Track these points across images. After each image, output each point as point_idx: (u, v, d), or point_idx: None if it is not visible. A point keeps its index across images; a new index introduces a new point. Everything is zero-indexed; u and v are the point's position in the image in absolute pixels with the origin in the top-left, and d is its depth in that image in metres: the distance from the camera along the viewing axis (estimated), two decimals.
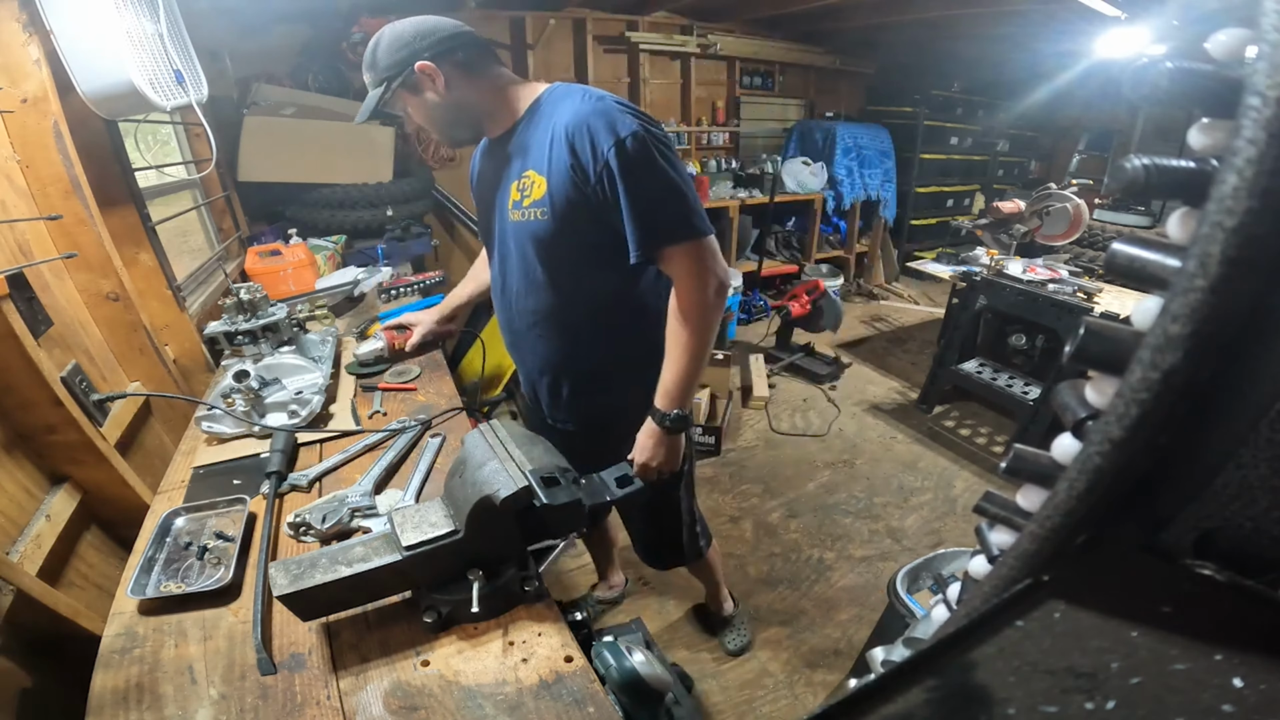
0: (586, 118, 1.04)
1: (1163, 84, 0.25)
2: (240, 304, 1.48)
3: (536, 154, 1.12)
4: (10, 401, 1.07)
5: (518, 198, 1.16)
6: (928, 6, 3.52)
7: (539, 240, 1.16)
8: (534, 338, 1.28)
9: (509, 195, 1.18)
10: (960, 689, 0.27)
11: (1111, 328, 0.29)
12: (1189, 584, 0.30)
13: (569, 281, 1.20)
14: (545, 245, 1.16)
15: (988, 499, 0.38)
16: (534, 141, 1.12)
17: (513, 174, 1.16)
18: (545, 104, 1.13)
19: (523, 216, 1.16)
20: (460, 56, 1.11)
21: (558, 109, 1.09)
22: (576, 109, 1.06)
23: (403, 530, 0.81)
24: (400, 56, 1.08)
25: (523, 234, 1.18)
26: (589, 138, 1.03)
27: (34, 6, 1.26)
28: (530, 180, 1.13)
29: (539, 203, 1.12)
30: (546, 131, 1.09)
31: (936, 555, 1.60)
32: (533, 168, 1.12)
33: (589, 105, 1.06)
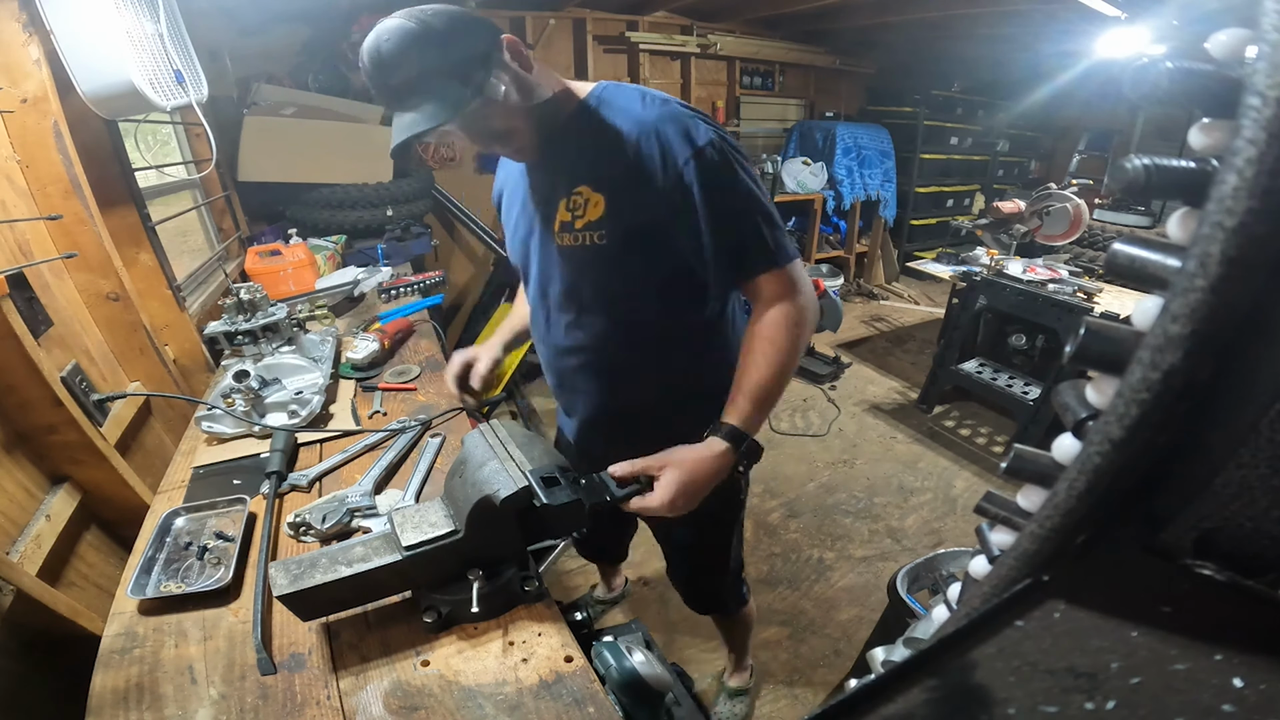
0: (656, 124, 0.91)
1: (1163, 84, 0.25)
2: (240, 304, 1.48)
3: (590, 166, 0.96)
4: (10, 401, 1.07)
5: (567, 219, 0.99)
6: (928, 6, 3.52)
7: (595, 268, 1.01)
8: (586, 378, 1.15)
9: (555, 216, 1.01)
10: (960, 689, 0.27)
11: (1111, 328, 0.29)
12: (1189, 584, 0.30)
13: (629, 315, 1.06)
14: (603, 274, 1.02)
15: (988, 499, 0.38)
16: (586, 152, 0.97)
17: (559, 190, 1.00)
18: (597, 107, 0.97)
19: (575, 241, 0.99)
20: None
21: (614, 113, 0.95)
22: (642, 114, 0.93)
23: (403, 530, 0.81)
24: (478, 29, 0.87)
25: (575, 261, 1.03)
26: (660, 147, 0.90)
27: (34, 6, 1.26)
28: (584, 198, 0.97)
29: (595, 224, 0.97)
30: (601, 139, 0.94)
31: (936, 555, 1.60)
32: (586, 183, 0.96)
33: (656, 109, 0.93)
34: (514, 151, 1.00)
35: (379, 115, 2.99)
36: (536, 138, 0.97)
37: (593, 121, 0.96)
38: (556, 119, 0.98)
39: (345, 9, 2.95)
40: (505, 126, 0.94)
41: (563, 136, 0.98)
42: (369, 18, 2.97)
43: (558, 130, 0.98)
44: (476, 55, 0.86)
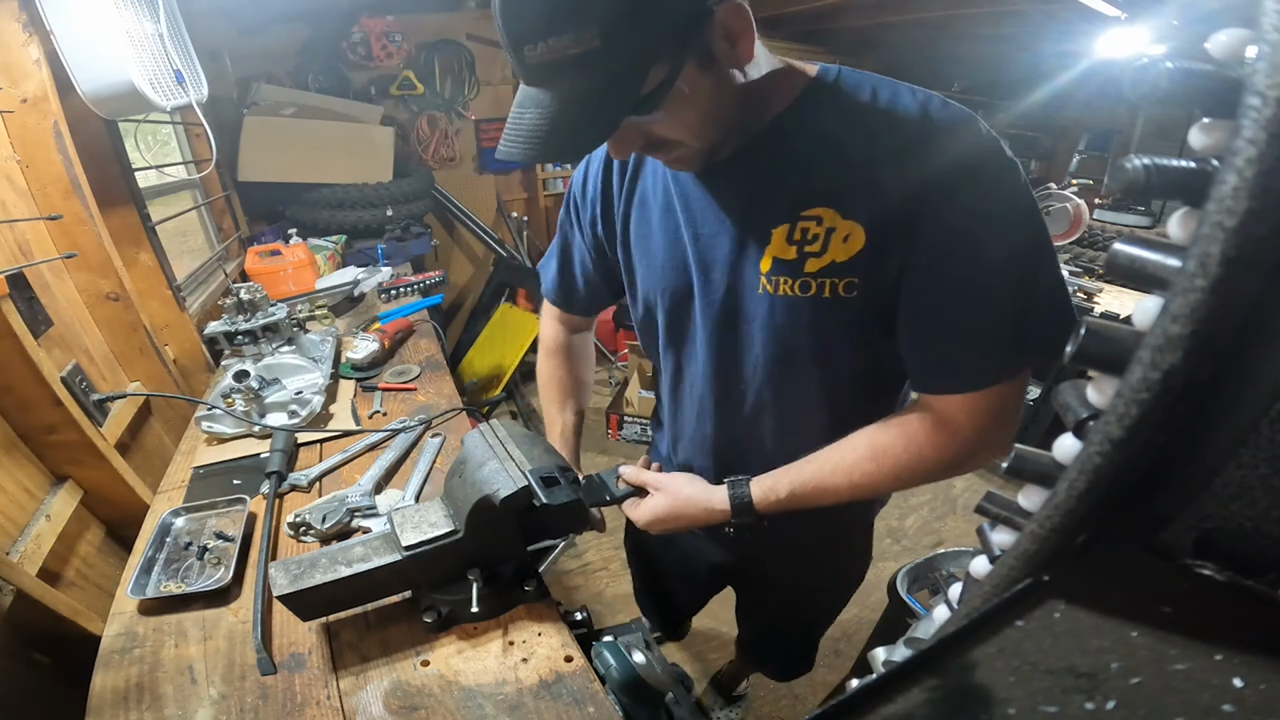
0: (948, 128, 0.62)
1: (1163, 84, 0.25)
2: (240, 304, 1.48)
3: (838, 178, 0.65)
4: (10, 401, 1.07)
5: (791, 256, 0.68)
6: (928, 6, 3.52)
7: (816, 333, 0.71)
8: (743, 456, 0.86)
9: (764, 249, 0.70)
10: (960, 689, 0.27)
11: (1112, 328, 0.29)
12: (1189, 584, 0.30)
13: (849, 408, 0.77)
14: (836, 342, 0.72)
15: (989, 499, 0.38)
16: (831, 158, 0.65)
17: (777, 212, 0.69)
18: (840, 91, 0.66)
19: (799, 290, 0.69)
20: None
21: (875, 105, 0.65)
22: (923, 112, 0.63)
23: (403, 530, 0.81)
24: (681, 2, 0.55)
25: (781, 322, 0.72)
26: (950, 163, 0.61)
27: (34, 6, 1.26)
28: (825, 226, 0.66)
29: (844, 269, 0.66)
30: (854, 141, 0.64)
31: (936, 555, 1.60)
32: (830, 204, 0.66)
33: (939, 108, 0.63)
34: (675, 162, 0.70)
35: (379, 115, 2.99)
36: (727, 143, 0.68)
37: (837, 115, 0.65)
38: (764, 111, 0.68)
39: (345, 9, 2.96)
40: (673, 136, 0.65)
41: (780, 134, 0.67)
42: (369, 18, 2.97)
43: (769, 123, 0.68)
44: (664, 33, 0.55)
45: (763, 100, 0.67)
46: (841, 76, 0.67)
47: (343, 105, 2.89)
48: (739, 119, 0.67)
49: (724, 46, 0.60)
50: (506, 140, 0.61)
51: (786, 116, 0.67)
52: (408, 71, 3.19)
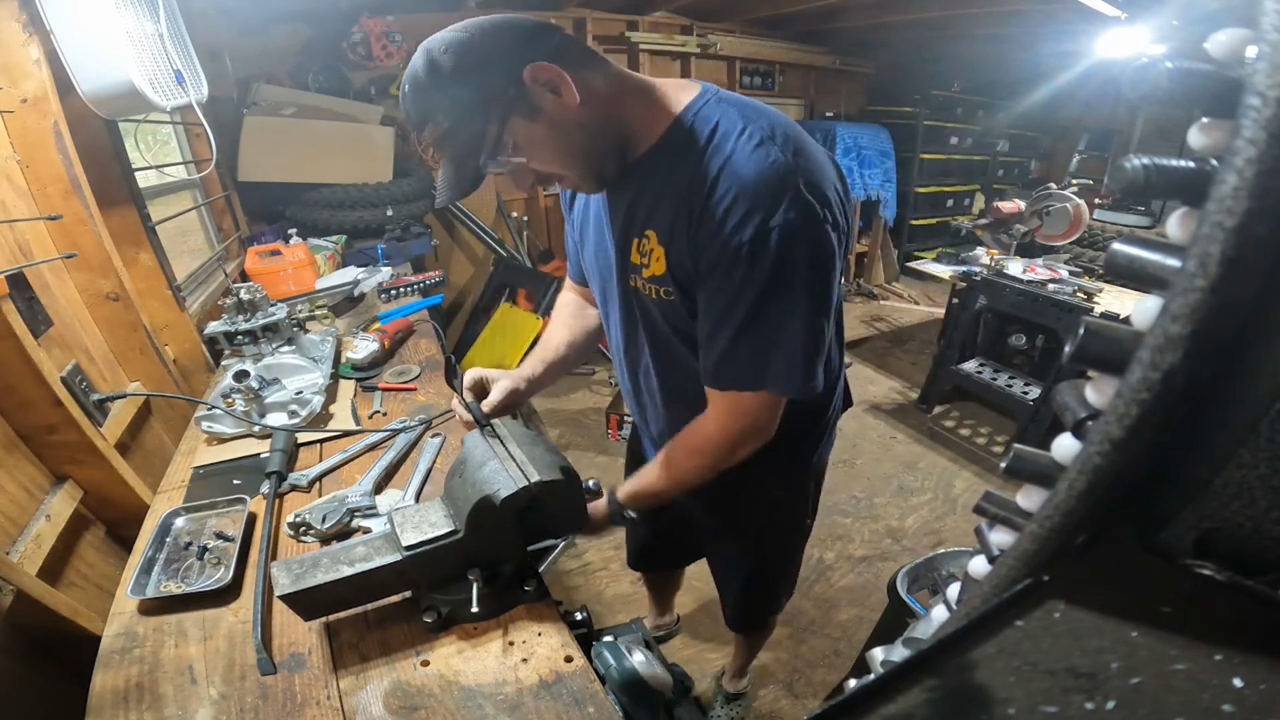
0: (737, 173, 0.73)
1: (1163, 84, 0.25)
2: (240, 304, 1.48)
3: (660, 211, 0.80)
4: (10, 401, 1.07)
5: (637, 261, 0.87)
6: (928, 6, 3.52)
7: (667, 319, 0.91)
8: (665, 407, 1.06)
9: (629, 254, 0.88)
10: (960, 689, 0.27)
11: (1111, 328, 0.29)
12: (1189, 584, 0.30)
13: None
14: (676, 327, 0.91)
15: (988, 499, 0.38)
16: (662, 190, 0.80)
17: (634, 226, 0.85)
18: (690, 130, 0.78)
19: (644, 289, 0.88)
20: (574, 53, 0.76)
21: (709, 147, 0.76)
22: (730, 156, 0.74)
23: (403, 530, 0.81)
24: (492, 66, 0.72)
25: (643, 308, 0.93)
26: (727, 208, 0.73)
27: (34, 6, 1.25)
28: (649, 245, 0.84)
29: (660, 279, 0.84)
30: (683, 179, 0.77)
31: (936, 555, 1.60)
32: (654, 228, 0.82)
33: (747, 154, 0.73)
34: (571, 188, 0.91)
35: (379, 115, 2.99)
36: (606, 168, 0.82)
37: (679, 151, 0.79)
38: (637, 140, 0.82)
39: (345, 9, 2.96)
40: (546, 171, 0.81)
41: (644, 165, 0.82)
42: (369, 18, 2.97)
43: (641, 155, 0.82)
44: (483, 104, 0.73)
45: (631, 132, 0.81)
46: (699, 114, 0.79)
47: (343, 105, 2.89)
48: (605, 148, 0.81)
49: (548, 97, 0.74)
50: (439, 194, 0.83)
51: (654, 150, 0.82)
52: None
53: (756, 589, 1.37)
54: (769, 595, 1.41)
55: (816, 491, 1.27)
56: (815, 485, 1.26)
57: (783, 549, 1.33)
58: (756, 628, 1.56)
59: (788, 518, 1.26)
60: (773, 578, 1.37)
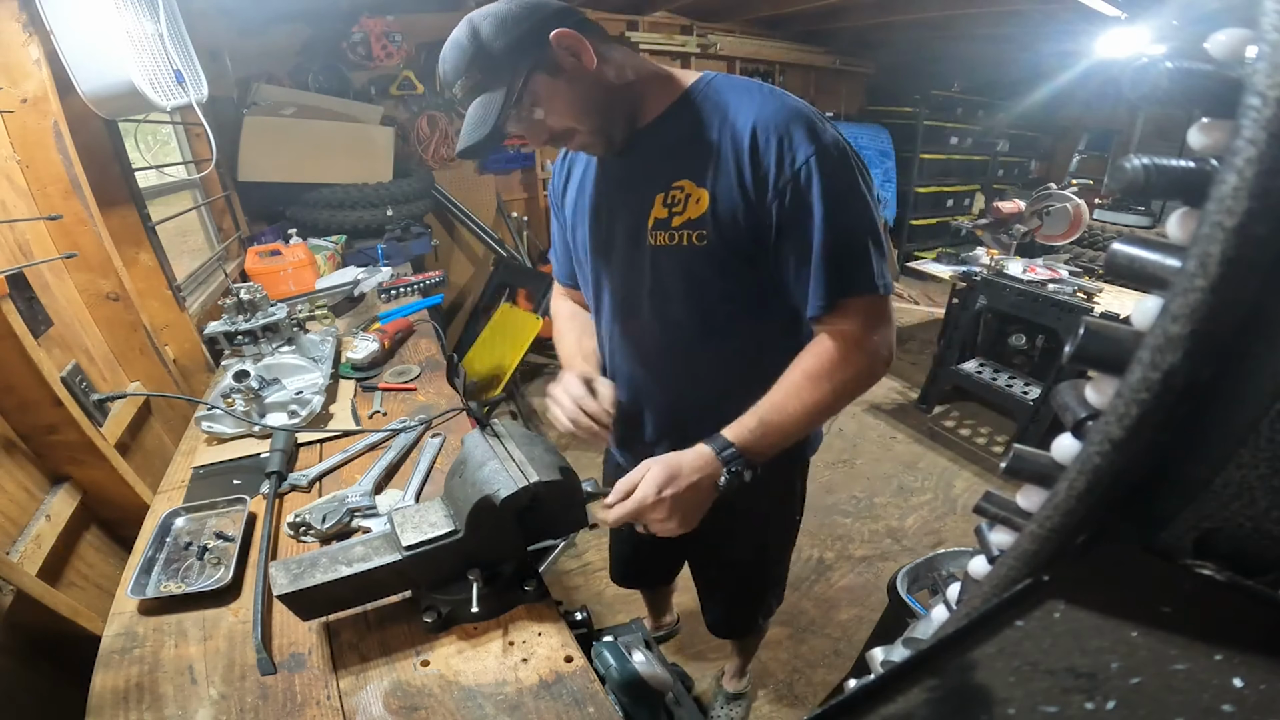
0: (775, 117, 0.83)
1: (1163, 84, 0.25)
2: (240, 304, 1.48)
3: (695, 159, 0.88)
4: (10, 401, 1.07)
5: (663, 215, 0.91)
6: (928, 6, 3.52)
7: (690, 272, 0.93)
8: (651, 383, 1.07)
9: (649, 211, 0.92)
10: (960, 689, 0.27)
11: (1111, 328, 0.29)
12: (1189, 584, 0.30)
13: (724, 327, 0.97)
14: (696, 280, 0.94)
15: (988, 499, 0.38)
16: (691, 142, 0.88)
17: (656, 184, 0.91)
18: (704, 96, 0.90)
19: (670, 240, 0.91)
20: (594, 30, 0.87)
21: (729, 103, 0.87)
22: (762, 106, 0.85)
23: (403, 530, 0.81)
24: (523, 31, 0.82)
25: (667, 262, 0.94)
26: (779, 143, 0.82)
27: (34, 6, 1.26)
28: (685, 193, 0.89)
29: (696, 223, 0.89)
30: (712, 130, 0.87)
31: (936, 555, 1.60)
32: (689, 177, 0.89)
33: (776, 102, 0.85)
34: (580, 147, 0.94)
35: (379, 115, 2.99)
36: (615, 131, 0.91)
37: (699, 111, 0.88)
38: (646, 109, 0.92)
39: (345, 9, 2.96)
40: (560, 126, 0.88)
41: (660, 127, 0.91)
42: (369, 18, 2.97)
43: (653, 121, 0.91)
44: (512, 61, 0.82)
45: (640, 102, 0.92)
46: (711, 84, 0.91)
47: (343, 105, 2.89)
48: (616, 111, 0.90)
49: (569, 59, 0.84)
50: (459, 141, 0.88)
51: (663, 117, 0.91)
52: (408, 71, 3.19)
53: (752, 590, 1.36)
54: (760, 598, 1.39)
55: (803, 488, 1.28)
56: (801, 481, 1.27)
57: (778, 547, 1.32)
58: (743, 633, 1.54)
59: (784, 514, 1.26)
60: (767, 580, 1.36)
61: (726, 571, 1.34)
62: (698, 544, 1.30)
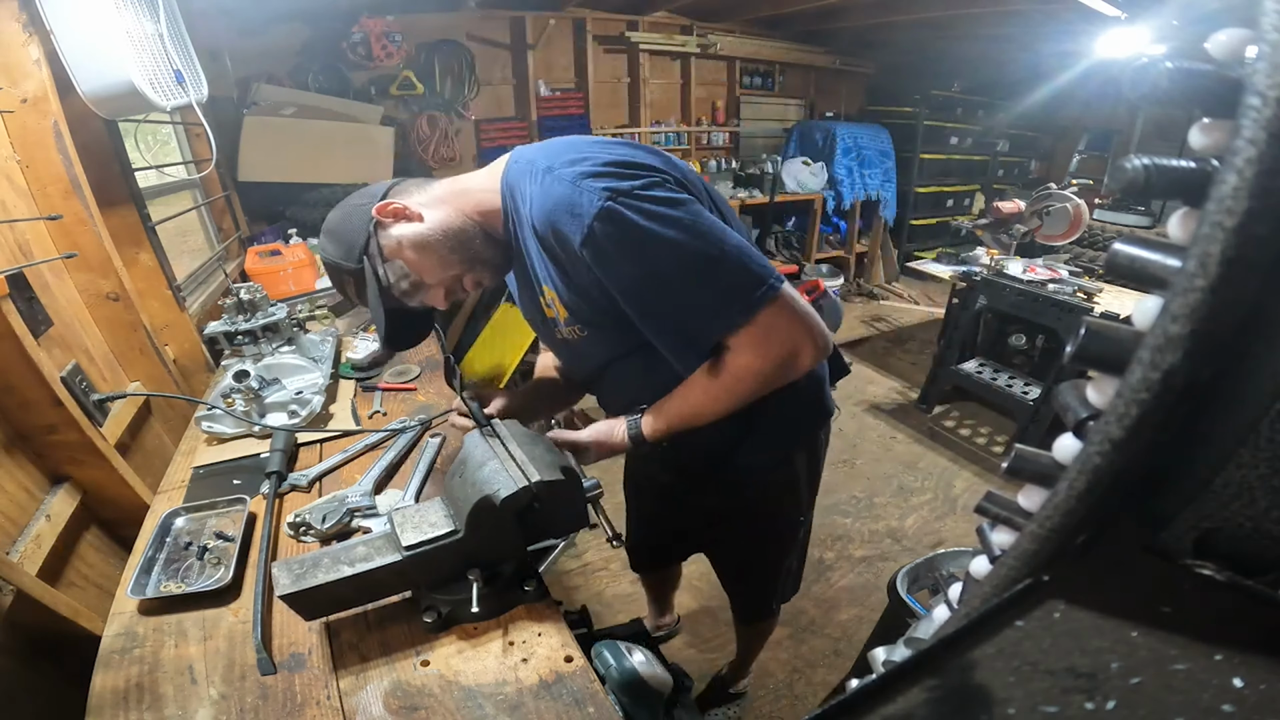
0: (543, 214, 0.81)
1: (1163, 84, 0.25)
2: (240, 304, 1.48)
3: (535, 266, 0.91)
4: (10, 401, 1.07)
5: (551, 315, 0.97)
6: (928, 6, 3.52)
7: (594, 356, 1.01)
8: None
9: (544, 314, 0.99)
10: (960, 689, 0.27)
11: (1111, 328, 0.29)
12: (1189, 584, 0.30)
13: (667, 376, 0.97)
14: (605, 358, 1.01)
15: (988, 499, 0.38)
16: (526, 252, 0.92)
17: (535, 287, 0.96)
18: (512, 192, 0.89)
19: (567, 333, 0.97)
20: (407, 185, 0.93)
21: (520, 206, 0.87)
22: (534, 203, 0.83)
23: (403, 530, 0.81)
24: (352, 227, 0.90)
25: (576, 351, 1.03)
26: (556, 239, 0.81)
27: (34, 6, 1.25)
28: (547, 297, 0.94)
29: (568, 320, 0.94)
30: (526, 237, 0.89)
31: (936, 555, 1.60)
32: (543, 282, 0.92)
33: (540, 189, 0.82)
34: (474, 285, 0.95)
35: (379, 115, 3.00)
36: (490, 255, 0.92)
37: (516, 220, 0.90)
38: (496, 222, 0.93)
39: (345, 9, 2.96)
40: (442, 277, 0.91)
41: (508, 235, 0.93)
42: (369, 18, 2.97)
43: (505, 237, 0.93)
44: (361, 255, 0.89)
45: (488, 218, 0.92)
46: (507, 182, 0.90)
47: (343, 105, 2.89)
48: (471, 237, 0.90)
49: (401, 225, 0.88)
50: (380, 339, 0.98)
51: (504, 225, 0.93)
52: (408, 71, 3.20)
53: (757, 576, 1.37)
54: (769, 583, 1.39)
55: (813, 478, 1.25)
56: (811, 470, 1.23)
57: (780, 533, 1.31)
58: (760, 617, 1.54)
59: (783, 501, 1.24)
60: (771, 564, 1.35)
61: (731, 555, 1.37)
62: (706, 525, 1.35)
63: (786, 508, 1.26)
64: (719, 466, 1.13)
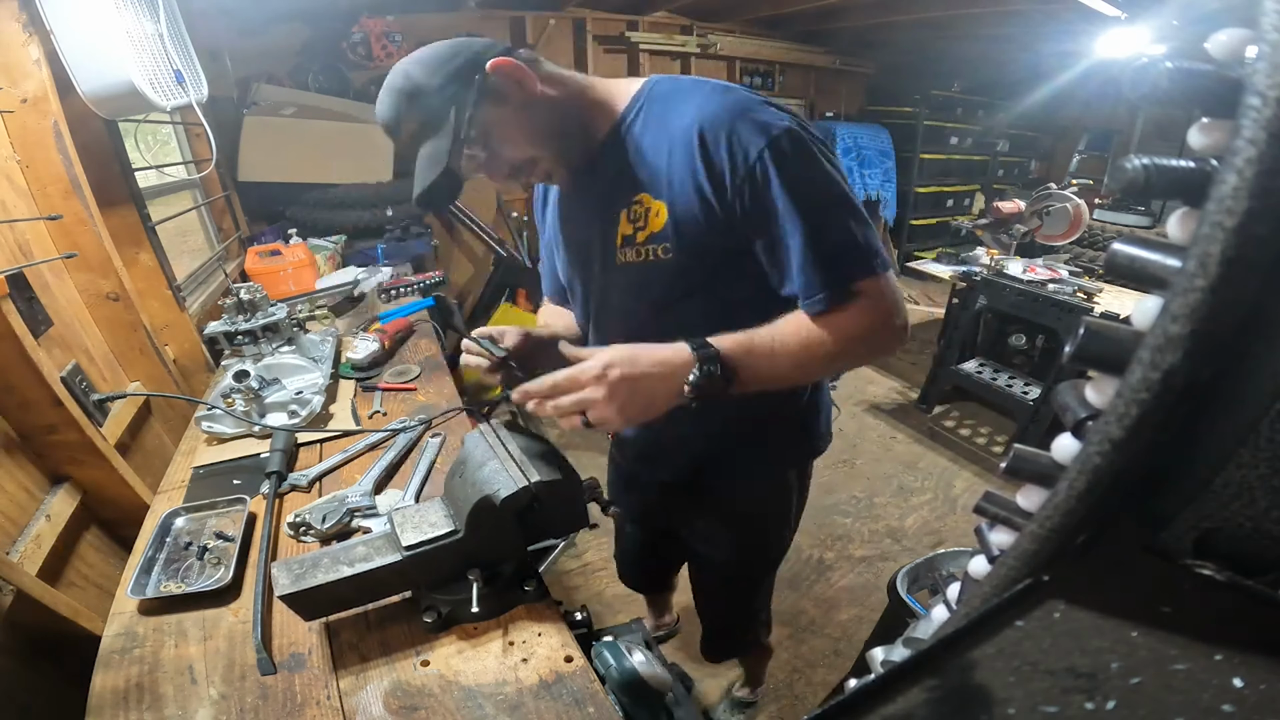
0: (721, 114, 0.78)
1: (1163, 84, 0.25)
2: (240, 304, 1.48)
3: (649, 170, 0.85)
4: (10, 401, 1.07)
5: (629, 231, 0.88)
6: (928, 6, 3.52)
7: (658, 288, 0.90)
8: None
9: (615, 231, 0.90)
10: (960, 689, 0.27)
11: (1111, 328, 0.29)
12: (1189, 584, 0.30)
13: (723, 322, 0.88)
14: (665, 295, 0.90)
15: (988, 499, 0.38)
16: (643, 154, 0.86)
17: (618, 201, 0.88)
18: (651, 104, 0.87)
19: (636, 257, 0.89)
20: (528, 56, 0.84)
21: (672, 108, 0.83)
22: (703, 105, 0.80)
23: (403, 530, 0.81)
24: (456, 67, 0.80)
25: (635, 282, 0.92)
26: (728, 140, 0.78)
27: (34, 6, 1.25)
28: (644, 206, 0.86)
29: (659, 236, 0.86)
30: (661, 139, 0.84)
31: (936, 555, 1.60)
32: (646, 190, 0.86)
33: (719, 99, 0.80)
34: (543, 176, 0.92)
35: None
36: (573, 154, 0.89)
37: (647, 121, 0.86)
38: (599, 126, 0.89)
39: (345, 9, 2.96)
40: (518, 156, 0.86)
41: (613, 142, 0.88)
42: (369, 18, 2.97)
43: (605, 139, 0.89)
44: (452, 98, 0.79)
45: (592, 119, 0.89)
46: (655, 90, 0.88)
47: (342, 105, 2.89)
48: (570, 132, 0.88)
49: (512, 87, 0.81)
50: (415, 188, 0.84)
51: (615, 132, 0.88)
52: None
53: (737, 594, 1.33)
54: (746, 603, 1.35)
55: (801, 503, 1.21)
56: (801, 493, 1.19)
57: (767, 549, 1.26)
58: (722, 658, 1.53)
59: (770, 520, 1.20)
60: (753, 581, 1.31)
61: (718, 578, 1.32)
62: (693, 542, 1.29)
63: (775, 527, 1.23)
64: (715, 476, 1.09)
